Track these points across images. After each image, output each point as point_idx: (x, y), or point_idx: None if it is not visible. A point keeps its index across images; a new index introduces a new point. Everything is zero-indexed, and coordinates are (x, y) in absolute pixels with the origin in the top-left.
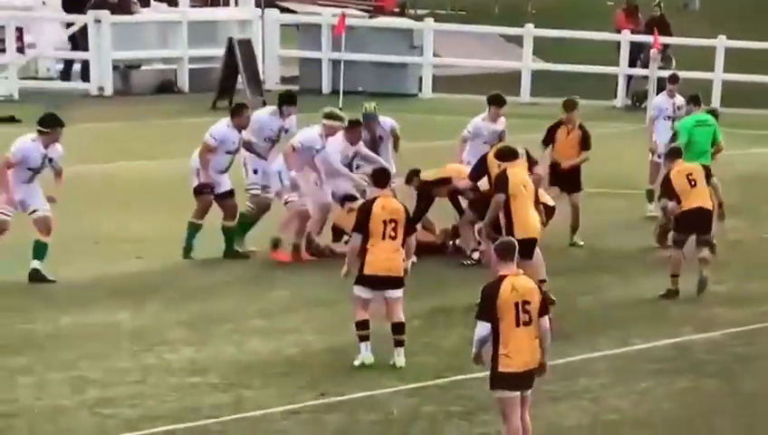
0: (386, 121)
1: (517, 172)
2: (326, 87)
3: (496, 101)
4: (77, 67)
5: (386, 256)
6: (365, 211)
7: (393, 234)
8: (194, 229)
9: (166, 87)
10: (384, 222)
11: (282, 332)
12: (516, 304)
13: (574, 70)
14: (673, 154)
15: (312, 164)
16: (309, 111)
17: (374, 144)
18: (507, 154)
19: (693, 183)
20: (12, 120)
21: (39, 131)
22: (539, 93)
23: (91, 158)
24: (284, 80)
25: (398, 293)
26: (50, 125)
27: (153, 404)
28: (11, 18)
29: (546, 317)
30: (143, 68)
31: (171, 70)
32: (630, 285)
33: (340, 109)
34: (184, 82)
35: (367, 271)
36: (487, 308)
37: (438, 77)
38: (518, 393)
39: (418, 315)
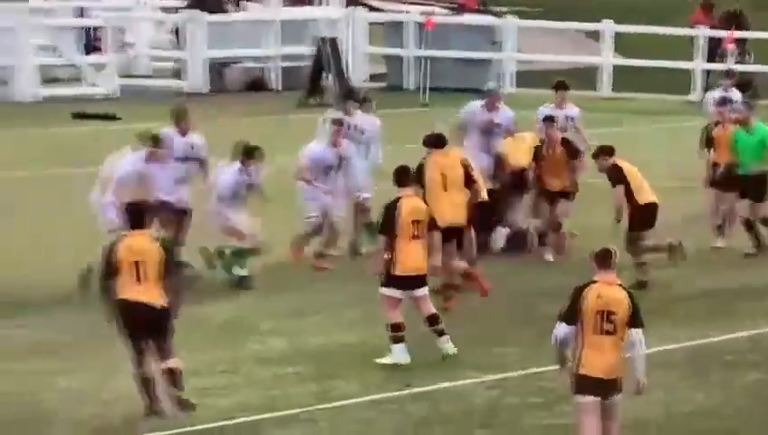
0: (507, 112)
1: (436, 161)
2: (411, 83)
3: (560, 86)
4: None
5: (415, 255)
6: (391, 212)
7: (417, 233)
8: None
9: (257, 85)
10: (412, 222)
11: (369, 323)
12: (599, 313)
13: (652, 65)
14: None
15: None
16: (396, 107)
17: (488, 128)
18: (431, 141)
19: None
20: (113, 117)
21: (242, 161)
22: (617, 88)
23: None
24: (371, 77)
25: (426, 290)
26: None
27: (244, 394)
28: (110, 18)
29: (636, 330)
30: (236, 66)
31: (263, 68)
32: (709, 277)
33: (426, 104)
34: (275, 79)
35: (399, 271)
36: (569, 310)
37: (519, 72)
38: (594, 399)
39: (499, 308)
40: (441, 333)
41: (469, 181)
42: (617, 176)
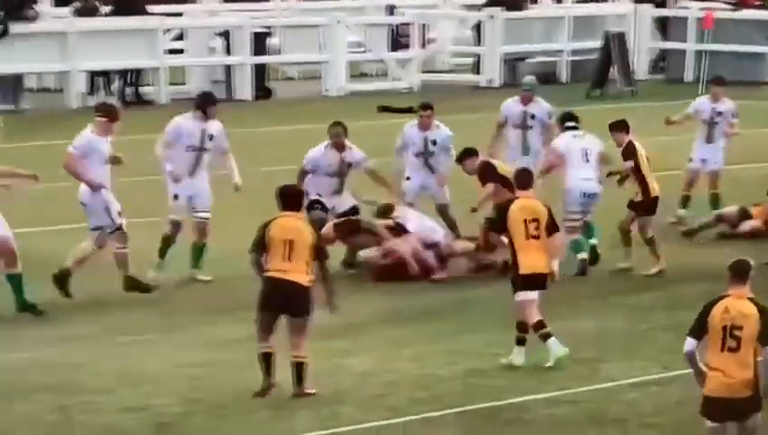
0: (544, 106)
1: None
2: (689, 76)
3: (716, 82)
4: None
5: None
6: (503, 211)
7: (536, 233)
8: None
9: (548, 78)
10: (525, 221)
11: (634, 308)
12: (724, 328)
13: None
14: None
15: None
16: (673, 99)
17: (523, 121)
18: None
19: None
20: (410, 110)
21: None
22: None
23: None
24: (652, 70)
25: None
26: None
27: (518, 376)
28: (417, 16)
29: (766, 348)
30: (528, 61)
31: (553, 62)
32: None
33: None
34: (564, 73)
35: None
36: (696, 325)
37: None
38: (717, 424)
39: None
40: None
41: None
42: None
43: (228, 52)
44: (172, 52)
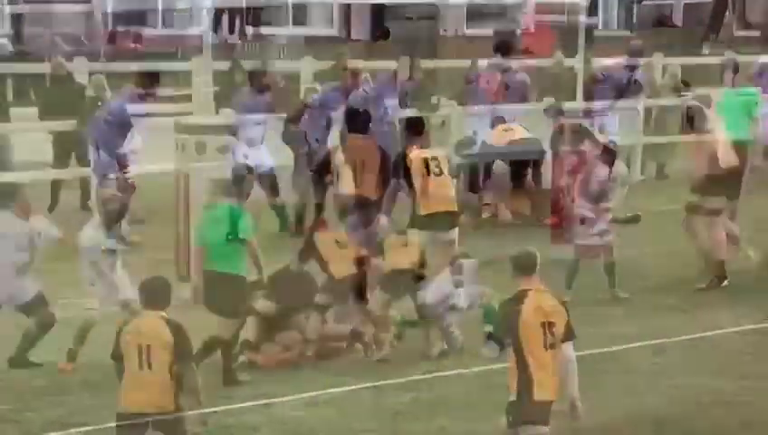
0: (518, 74)
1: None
2: None
3: None
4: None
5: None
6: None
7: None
8: None
9: (662, 21)
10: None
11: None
12: (543, 325)
13: None
14: None
15: None
16: None
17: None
18: None
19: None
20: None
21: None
22: None
23: None
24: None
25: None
26: None
27: (626, 324)
28: None
29: (570, 344)
30: (644, 3)
31: (668, 5)
32: None
33: None
34: (678, 16)
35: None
36: (501, 329)
37: None
38: (547, 429)
39: None
40: None
41: None
42: None
43: None
44: None
